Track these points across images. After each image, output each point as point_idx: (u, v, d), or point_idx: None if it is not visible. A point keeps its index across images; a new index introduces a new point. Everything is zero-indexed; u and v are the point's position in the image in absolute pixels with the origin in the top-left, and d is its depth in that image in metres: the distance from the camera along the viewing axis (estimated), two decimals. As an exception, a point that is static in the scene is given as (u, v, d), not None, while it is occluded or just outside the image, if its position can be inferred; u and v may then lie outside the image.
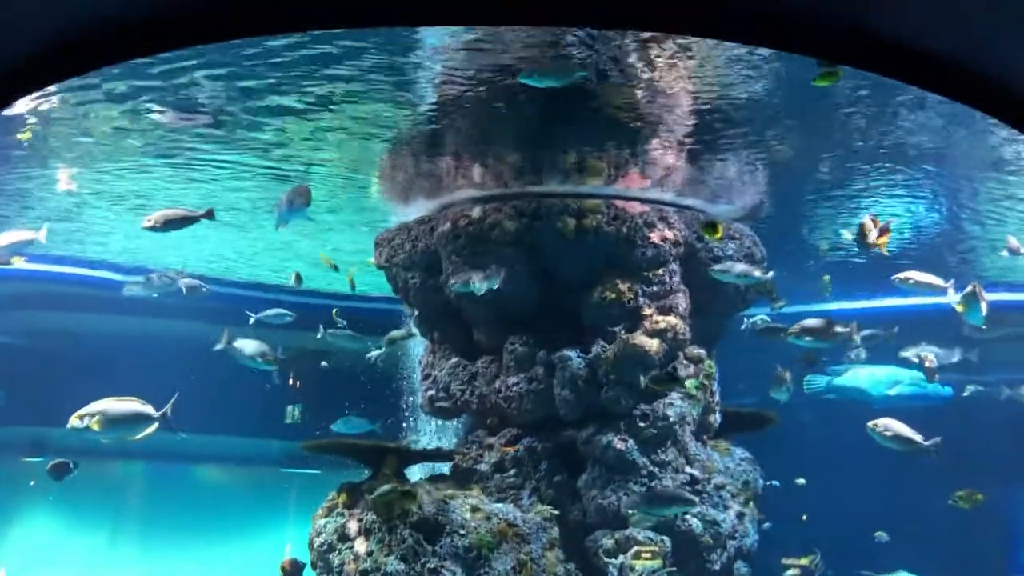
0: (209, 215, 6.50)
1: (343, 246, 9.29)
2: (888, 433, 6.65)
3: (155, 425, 6.22)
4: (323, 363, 9.84)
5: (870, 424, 6.69)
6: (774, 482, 8.67)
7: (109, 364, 9.47)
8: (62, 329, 10.82)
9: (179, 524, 12.19)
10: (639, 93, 5.32)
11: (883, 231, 5.79)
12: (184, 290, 8.24)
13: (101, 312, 10.42)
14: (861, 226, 6.08)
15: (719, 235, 6.56)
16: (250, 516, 12.45)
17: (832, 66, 3.87)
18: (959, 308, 6.41)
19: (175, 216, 6.46)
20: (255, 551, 12.47)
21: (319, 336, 8.60)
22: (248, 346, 7.52)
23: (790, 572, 7.30)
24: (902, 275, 7.24)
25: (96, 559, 11.71)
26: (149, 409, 6.26)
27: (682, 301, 7.07)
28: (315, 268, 9.49)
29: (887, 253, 5.09)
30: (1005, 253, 7.31)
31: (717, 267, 6.80)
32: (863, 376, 10.51)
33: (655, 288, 6.99)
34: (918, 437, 6.69)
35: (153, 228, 6.39)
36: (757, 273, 6.85)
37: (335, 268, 8.50)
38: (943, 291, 7.16)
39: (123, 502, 12.44)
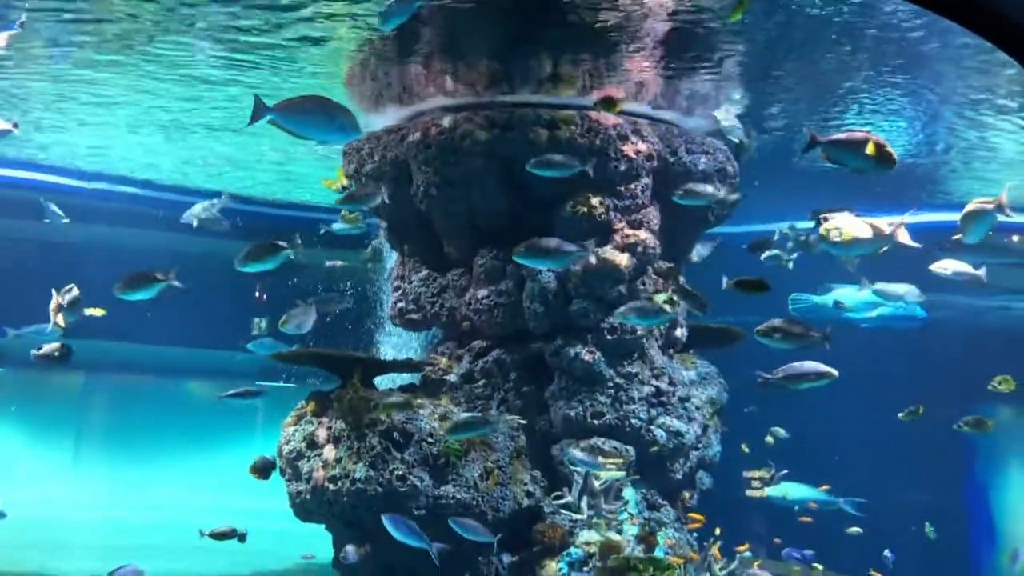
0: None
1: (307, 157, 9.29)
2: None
3: None
4: (293, 277, 9.86)
5: None
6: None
7: (74, 273, 9.45)
8: (23, 237, 10.75)
9: (146, 438, 12.41)
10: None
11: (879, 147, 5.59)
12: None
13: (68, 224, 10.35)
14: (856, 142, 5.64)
15: (617, 109, 6.54)
16: (220, 429, 12.66)
17: None
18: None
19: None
20: (224, 465, 12.74)
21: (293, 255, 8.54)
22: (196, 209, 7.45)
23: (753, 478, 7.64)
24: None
25: (60, 472, 11.89)
26: None
27: (653, 216, 7.21)
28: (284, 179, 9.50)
29: (893, 165, 4.95)
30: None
31: (678, 191, 6.78)
32: (847, 296, 10.76)
33: (626, 202, 7.11)
34: None
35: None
36: (721, 193, 6.92)
37: (343, 188, 8.36)
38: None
39: (88, 415, 12.58)
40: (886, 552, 8.28)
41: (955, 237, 6.37)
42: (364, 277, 9.48)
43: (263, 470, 7.07)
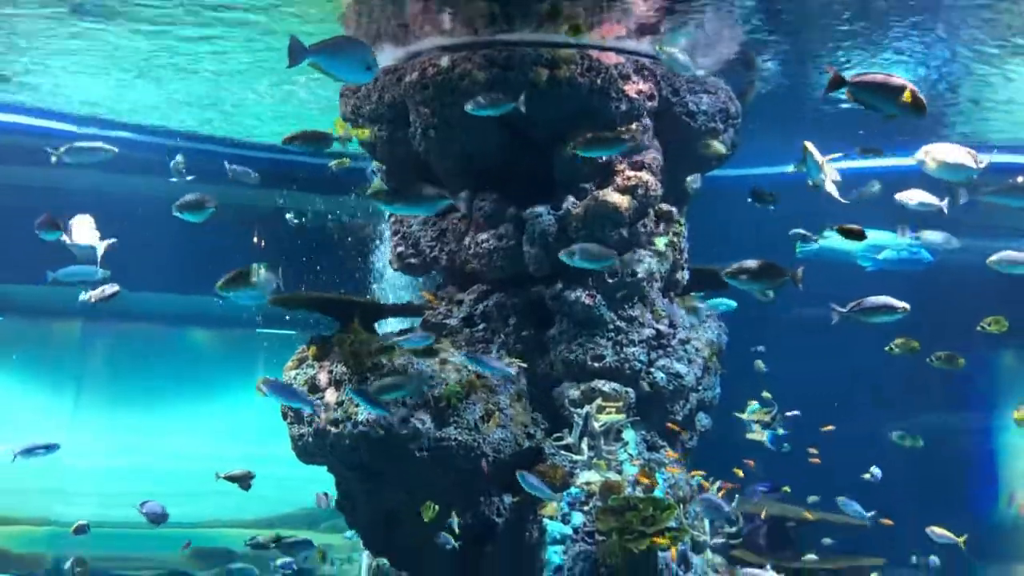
0: None
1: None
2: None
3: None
4: (292, 220, 9.83)
5: None
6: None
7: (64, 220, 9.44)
8: (11, 184, 10.72)
9: (146, 386, 12.51)
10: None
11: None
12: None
13: (54, 166, 10.30)
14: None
15: (581, 33, 6.52)
16: (221, 377, 12.76)
17: None
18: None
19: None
20: (225, 412, 12.89)
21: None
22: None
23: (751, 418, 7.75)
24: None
25: (61, 420, 12.02)
26: None
27: (654, 157, 7.19)
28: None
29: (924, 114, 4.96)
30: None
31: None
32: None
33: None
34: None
35: None
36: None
37: (350, 140, 8.32)
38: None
39: (89, 364, 12.67)
40: (873, 469, 8.38)
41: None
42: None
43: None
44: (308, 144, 6.55)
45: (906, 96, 4.74)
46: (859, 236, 6.22)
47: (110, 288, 7.30)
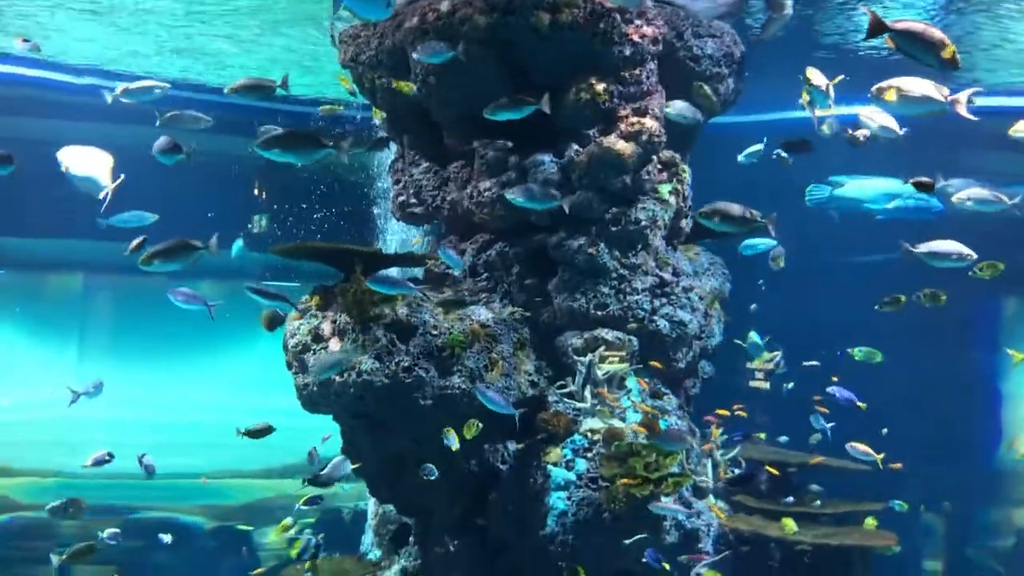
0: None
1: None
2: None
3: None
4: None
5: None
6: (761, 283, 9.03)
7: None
8: (14, 136, 10.69)
9: (148, 338, 12.59)
10: None
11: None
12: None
13: (57, 118, 10.26)
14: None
15: None
16: (226, 330, 12.83)
17: None
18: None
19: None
20: (229, 363, 13.00)
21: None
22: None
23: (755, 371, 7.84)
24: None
25: (65, 372, 12.15)
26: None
27: (658, 103, 7.16)
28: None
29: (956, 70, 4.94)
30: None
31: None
32: (866, 188, 10.76)
33: (631, 89, 7.05)
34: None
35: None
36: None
37: (353, 94, 8.22)
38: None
39: (92, 317, 12.76)
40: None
41: None
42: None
43: (274, 321, 7.22)
44: (252, 92, 6.47)
45: (947, 52, 4.77)
46: (929, 188, 6.17)
47: (137, 239, 7.21)
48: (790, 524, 7.20)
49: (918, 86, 5.81)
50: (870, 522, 7.38)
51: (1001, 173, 10.29)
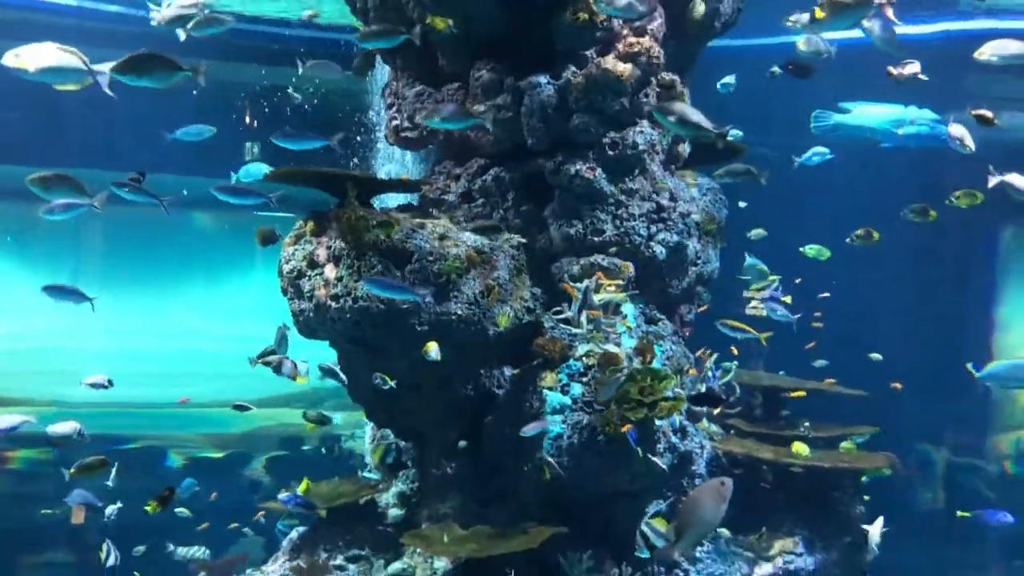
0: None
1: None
2: None
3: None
4: (294, 95, 9.66)
5: None
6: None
7: (66, 98, 9.30)
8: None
9: (147, 270, 12.66)
10: None
11: None
12: None
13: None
14: None
15: None
16: (222, 259, 12.89)
17: None
18: None
19: None
20: (225, 292, 13.09)
21: (302, 70, 8.27)
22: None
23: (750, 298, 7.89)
24: None
25: (61, 303, 12.23)
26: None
27: (657, 22, 7.08)
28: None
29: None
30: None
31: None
32: (872, 115, 10.67)
33: (629, 8, 6.94)
34: None
35: None
36: None
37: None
38: None
39: (86, 247, 12.78)
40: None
41: None
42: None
43: (268, 238, 7.25)
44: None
45: None
46: (990, 122, 6.08)
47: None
48: (801, 448, 7.33)
49: None
50: (846, 445, 7.53)
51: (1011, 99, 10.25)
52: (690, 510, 4.88)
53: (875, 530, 6.71)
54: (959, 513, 8.58)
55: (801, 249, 8.07)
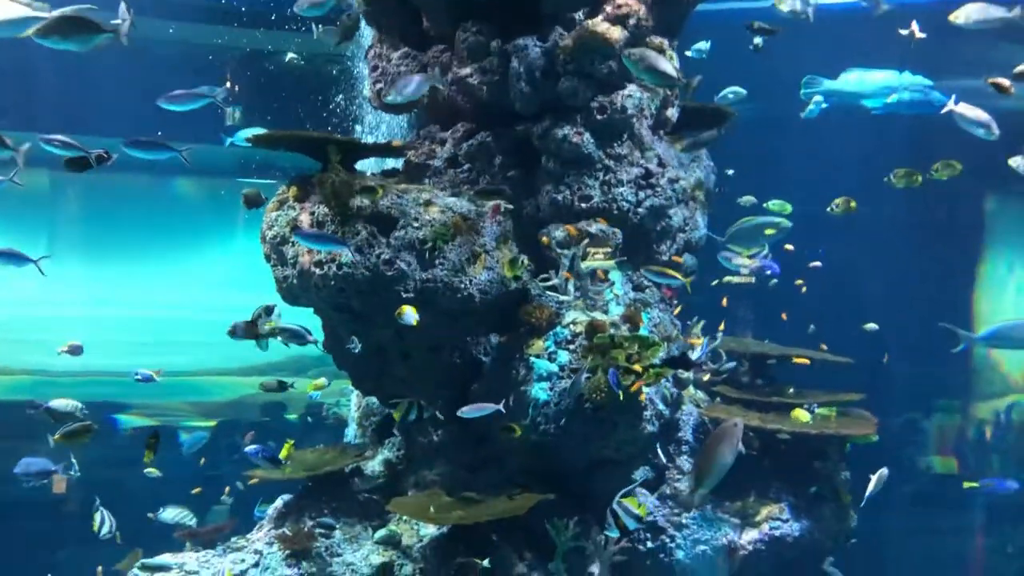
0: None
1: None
2: None
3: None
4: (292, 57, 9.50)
5: None
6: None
7: (47, 62, 9.10)
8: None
9: (126, 237, 12.52)
10: None
11: None
12: None
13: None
14: None
15: None
16: (200, 226, 12.77)
17: None
18: None
19: None
20: (206, 261, 12.98)
21: (316, 36, 8.05)
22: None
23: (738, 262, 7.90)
24: None
25: (35, 272, 12.09)
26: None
27: (647, -17, 6.99)
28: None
29: None
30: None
31: None
32: (864, 80, 10.60)
33: (619, -32, 6.86)
34: None
35: None
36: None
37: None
38: None
39: (62, 215, 12.62)
40: None
41: None
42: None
43: (253, 201, 7.16)
44: None
45: None
46: (1007, 91, 6.03)
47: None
48: (802, 415, 7.36)
49: None
50: (822, 412, 7.56)
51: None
52: (707, 455, 5.07)
53: (877, 478, 6.88)
54: (966, 484, 8.67)
55: (765, 205, 8.09)
